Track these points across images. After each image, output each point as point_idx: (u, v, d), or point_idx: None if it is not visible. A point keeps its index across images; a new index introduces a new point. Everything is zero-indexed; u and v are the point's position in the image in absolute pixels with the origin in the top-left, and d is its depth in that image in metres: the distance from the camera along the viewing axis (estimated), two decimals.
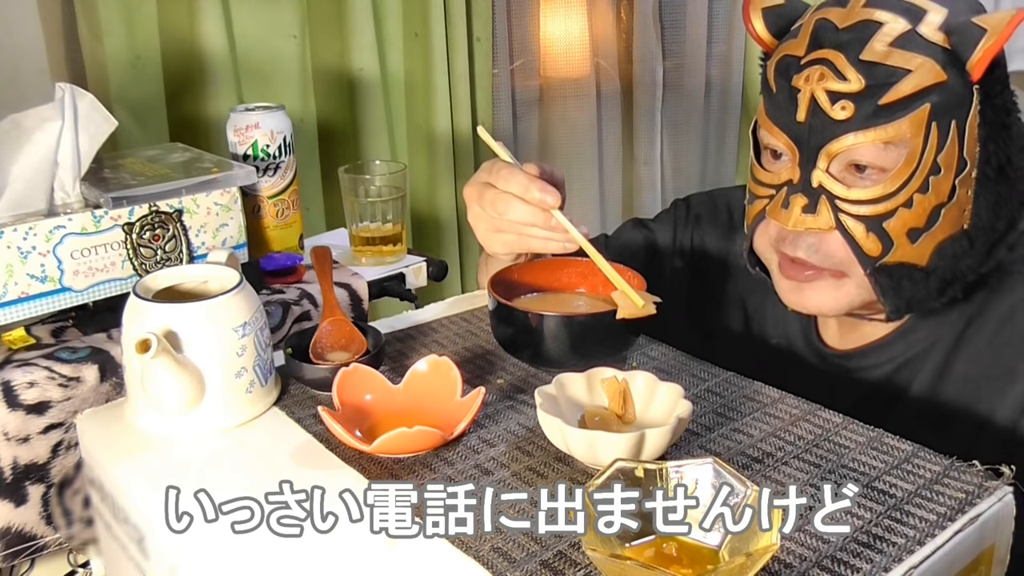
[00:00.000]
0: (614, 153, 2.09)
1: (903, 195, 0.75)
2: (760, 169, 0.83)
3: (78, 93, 0.92)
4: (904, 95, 0.73)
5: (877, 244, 0.76)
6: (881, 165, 0.75)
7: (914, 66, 0.73)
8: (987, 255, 0.79)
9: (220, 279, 0.75)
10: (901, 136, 0.74)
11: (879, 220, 0.76)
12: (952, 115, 0.74)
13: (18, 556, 0.87)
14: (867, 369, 0.87)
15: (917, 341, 0.84)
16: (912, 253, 0.77)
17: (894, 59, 0.73)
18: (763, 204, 0.82)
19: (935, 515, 0.58)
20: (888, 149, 0.74)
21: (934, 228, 0.76)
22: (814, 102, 0.76)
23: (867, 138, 0.74)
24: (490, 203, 0.81)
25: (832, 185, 0.76)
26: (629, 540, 0.54)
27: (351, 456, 0.66)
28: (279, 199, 1.12)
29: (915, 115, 0.73)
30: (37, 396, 0.84)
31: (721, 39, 2.17)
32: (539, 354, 0.76)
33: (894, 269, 0.77)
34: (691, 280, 1.03)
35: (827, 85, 0.75)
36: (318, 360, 0.78)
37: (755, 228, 0.84)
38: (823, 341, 0.91)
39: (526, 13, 1.88)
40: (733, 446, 0.67)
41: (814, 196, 0.77)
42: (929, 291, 0.79)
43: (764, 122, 0.82)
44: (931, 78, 0.73)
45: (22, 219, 0.88)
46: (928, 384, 0.83)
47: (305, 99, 1.52)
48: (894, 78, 0.73)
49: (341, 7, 1.54)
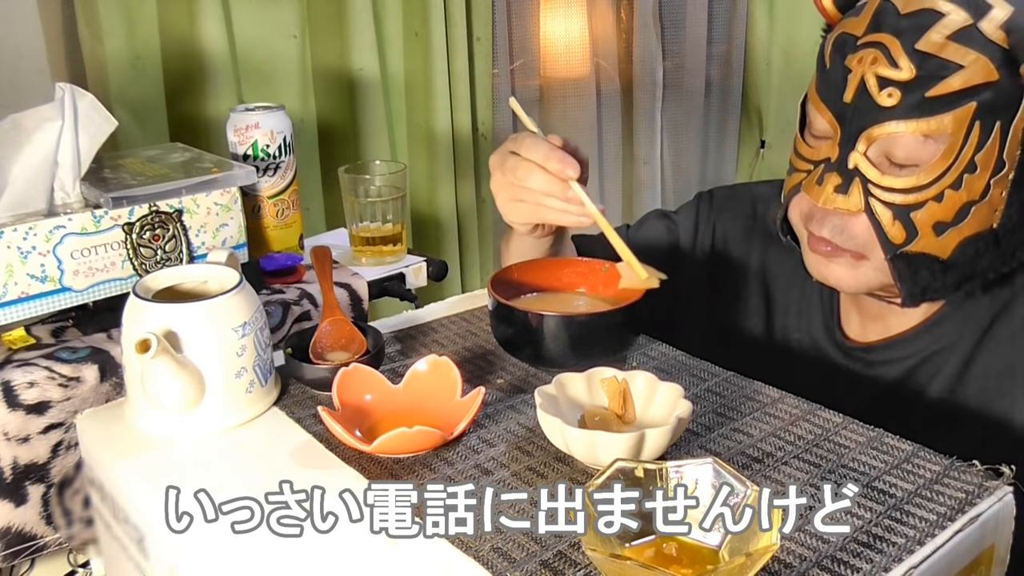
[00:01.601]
0: (614, 153, 2.09)
1: (935, 189, 0.75)
2: (803, 143, 0.84)
3: (78, 93, 0.92)
4: (952, 90, 0.73)
5: (902, 232, 0.76)
6: (917, 159, 0.75)
7: (967, 62, 0.73)
8: (1011, 255, 0.79)
9: (220, 279, 0.75)
10: (942, 130, 0.74)
11: (907, 209, 0.76)
12: (998, 116, 0.74)
13: (18, 556, 0.87)
14: (889, 363, 0.87)
15: (941, 336, 0.84)
16: (935, 245, 0.77)
17: (949, 52, 0.73)
18: (800, 177, 0.83)
19: (935, 515, 0.58)
20: (927, 143, 0.75)
21: (961, 224, 0.76)
22: (863, 85, 0.76)
23: (908, 128, 0.74)
24: (511, 169, 0.82)
25: (867, 169, 0.77)
26: (629, 540, 0.54)
27: (351, 456, 0.66)
28: (279, 199, 1.12)
29: (960, 111, 0.73)
30: (37, 396, 0.84)
31: (721, 39, 2.17)
32: (539, 354, 0.76)
33: (914, 258, 0.77)
34: (711, 273, 1.03)
35: (878, 70, 0.75)
36: (318, 360, 0.78)
37: (791, 199, 0.85)
38: (845, 335, 0.91)
39: (526, 13, 1.88)
40: (733, 446, 0.67)
41: (848, 177, 0.78)
42: (946, 284, 0.79)
43: (813, 97, 0.82)
44: (982, 76, 0.73)
45: (22, 219, 0.88)
46: (950, 380, 0.83)
47: (305, 99, 1.52)
48: (945, 72, 0.73)
49: (341, 7, 1.54)
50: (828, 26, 0.85)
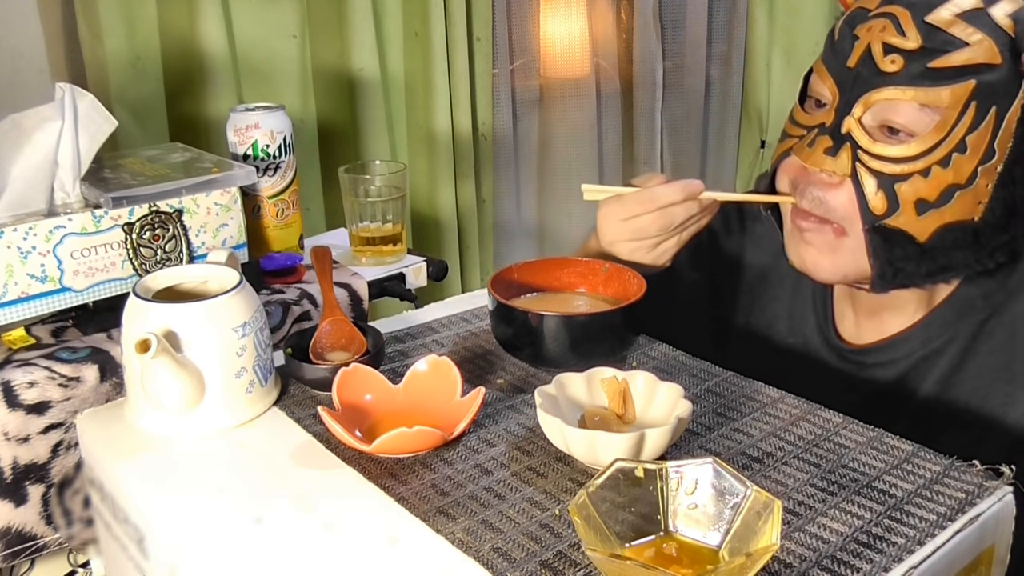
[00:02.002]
0: (614, 153, 2.09)
1: (923, 162, 0.76)
2: (800, 111, 0.85)
3: (78, 93, 0.92)
4: (954, 65, 0.74)
5: (884, 202, 0.77)
6: (912, 128, 0.76)
7: (973, 41, 0.74)
8: (989, 255, 0.79)
9: (220, 279, 0.75)
10: (939, 103, 0.75)
11: (893, 180, 0.76)
12: (995, 100, 0.75)
13: (18, 556, 0.87)
14: (883, 365, 0.87)
15: (933, 338, 0.84)
16: (914, 224, 0.77)
17: (956, 29, 0.75)
18: (792, 142, 0.84)
19: (935, 515, 0.58)
20: (922, 112, 0.75)
21: (944, 208, 0.76)
22: (868, 51, 0.77)
23: (906, 95, 0.76)
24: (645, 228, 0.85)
25: (859, 135, 0.78)
26: (629, 540, 0.54)
27: (351, 456, 0.66)
28: (279, 199, 1.12)
29: (958, 87, 0.74)
30: (37, 396, 0.84)
31: (721, 39, 2.17)
32: (539, 354, 0.76)
33: (891, 232, 0.78)
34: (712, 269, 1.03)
35: (885, 38, 0.76)
36: (318, 360, 0.78)
37: (779, 163, 0.86)
38: (840, 336, 0.91)
39: (526, 13, 1.88)
40: (733, 446, 0.67)
41: (839, 141, 0.79)
42: (919, 270, 0.79)
43: (818, 67, 0.84)
44: (985, 57, 0.74)
45: (22, 219, 0.88)
46: (944, 380, 0.83)
47: (305, 99, 1.52)
48: (950, 46, 0.75)
49: (341, 7, 1.54)
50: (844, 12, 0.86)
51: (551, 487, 0.62)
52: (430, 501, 0.61)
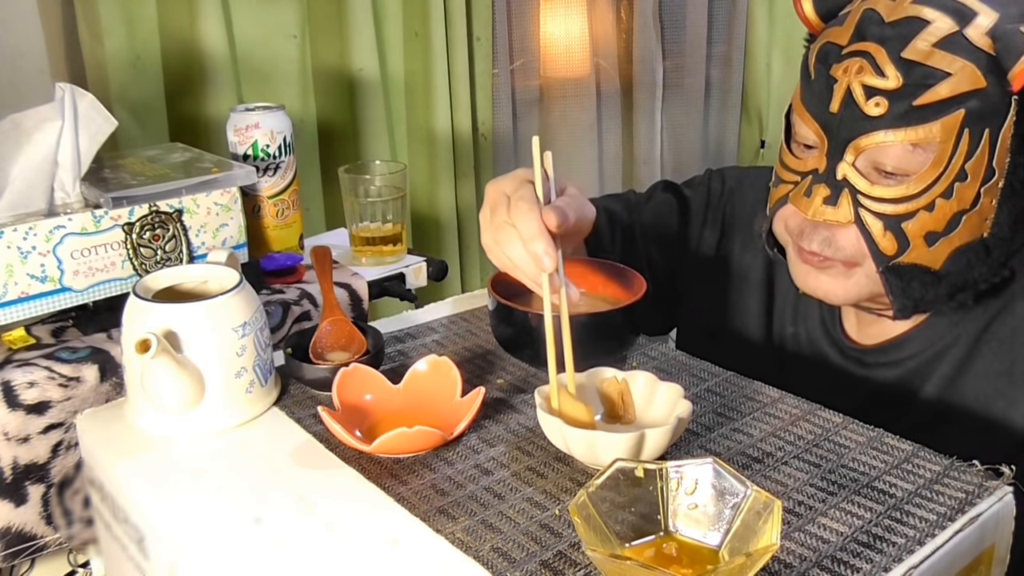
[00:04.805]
0: (614, 153, 2.09)
1: (925, 198, 0.74)
2: (789, 154, 0.83)
3: (78, 93, 0.92)
4: (940, 98, 0.72)
5: (893, 243, 0.76)
6: (906, 169, 0.74)
7: (954, 69, 0.72)
8: (1002, 265, 0.79)
9: (220, 279, 0.75)
10: (931, 139, 0.73)
11: (898, 220, 0.75)
12: (986, 123, 0.73)
13: (18, 556, 0.87)
14: (887, 365, 0.86)
15: (937, 339, 0.84)
16: (927, 256, 0.76)
17: (935, 60, 0.72)
18: (787, 189, 0.82)
19: (935, 515, 0.58)
20: (916, 152, 0.74)
21: (952, 234, 0.75)
22: (849, 94, 0.75)
23: (896, 137, 0.74)
24: (497, 227, 0.75)
25: (856, 179, 0.76)
26: (629, 540, 0.54)
27: (351, 456, 0.66)
28: (279, 199, 1.12)
29: (948, 119, 0.73)
30: (37, 396, 0.84)
31: (721, 39, 2.17)
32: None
33: (906, 269, 0.77)
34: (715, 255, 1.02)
35: (864, 79, 0.74)
36: (318, 360, 0.78)
37: (776, 211, 0.84)
38: (845, 334, 0.91)
39: (526, 13, 1.88)
40: (733, 446, 0.67)
41: (837, 188, 0.77)
42: (938, 295, 0.78)
43: (798, 108, 0.81)
44: (970, 84, 0.72)
45: (22, 219, 0.88)
46: (947, 381, 0.83)
47: (305, 99, 1.52)
48: (932, 80, 0.72)
49: (341, 7, 1.54)
50: (811, 36, 0.84)
51: (551, 487, 0.62)
52: (430, 501, 0.61)
